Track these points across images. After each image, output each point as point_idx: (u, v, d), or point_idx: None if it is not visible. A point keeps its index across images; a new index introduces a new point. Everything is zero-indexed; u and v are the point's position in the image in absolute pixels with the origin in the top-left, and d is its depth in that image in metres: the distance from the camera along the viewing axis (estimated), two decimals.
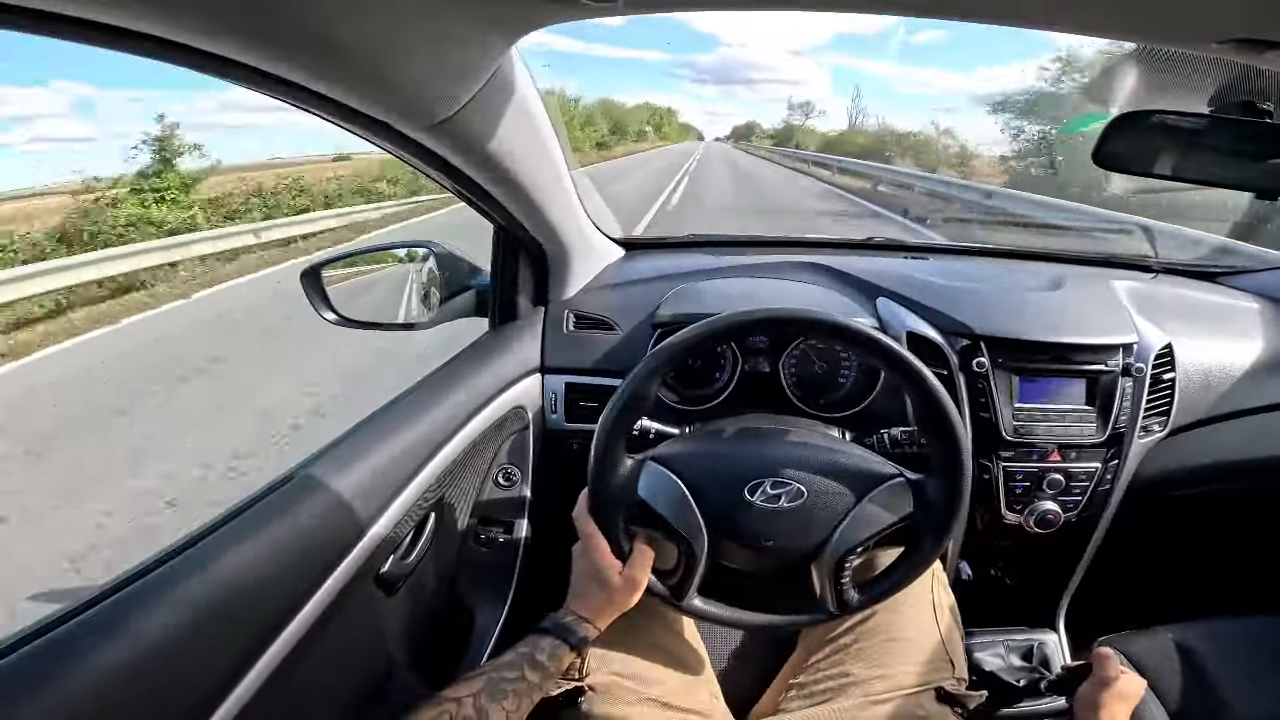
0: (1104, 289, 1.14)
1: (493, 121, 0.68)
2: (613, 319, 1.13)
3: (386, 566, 0.80)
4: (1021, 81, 18.78)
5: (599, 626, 0.70)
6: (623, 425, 0.71)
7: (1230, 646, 0.99)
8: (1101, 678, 0.70)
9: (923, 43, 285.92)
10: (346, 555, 0.69)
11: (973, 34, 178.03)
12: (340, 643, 0.72)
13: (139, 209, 10.54)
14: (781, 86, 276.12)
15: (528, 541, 1.10)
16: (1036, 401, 1.02)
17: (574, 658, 0.68)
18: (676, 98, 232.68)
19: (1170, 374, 1.04)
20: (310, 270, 1.02)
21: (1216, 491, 1.13)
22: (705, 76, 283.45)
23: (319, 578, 0.65)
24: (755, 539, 0.71)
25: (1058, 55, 17.49)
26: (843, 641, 0.82)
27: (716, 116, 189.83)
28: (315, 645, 0.65)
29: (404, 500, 0.79)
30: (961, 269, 1.29)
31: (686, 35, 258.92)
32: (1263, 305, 1.21)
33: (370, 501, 0.73)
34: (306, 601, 0.63)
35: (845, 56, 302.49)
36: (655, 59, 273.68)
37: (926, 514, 0.72)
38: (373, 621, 0.80)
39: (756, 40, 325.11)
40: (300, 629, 0.62)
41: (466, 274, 1.14)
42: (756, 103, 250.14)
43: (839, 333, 0.74)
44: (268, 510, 0.64)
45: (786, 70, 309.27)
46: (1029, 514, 1.02)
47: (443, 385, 0.94)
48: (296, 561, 0.63)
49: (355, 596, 0.72)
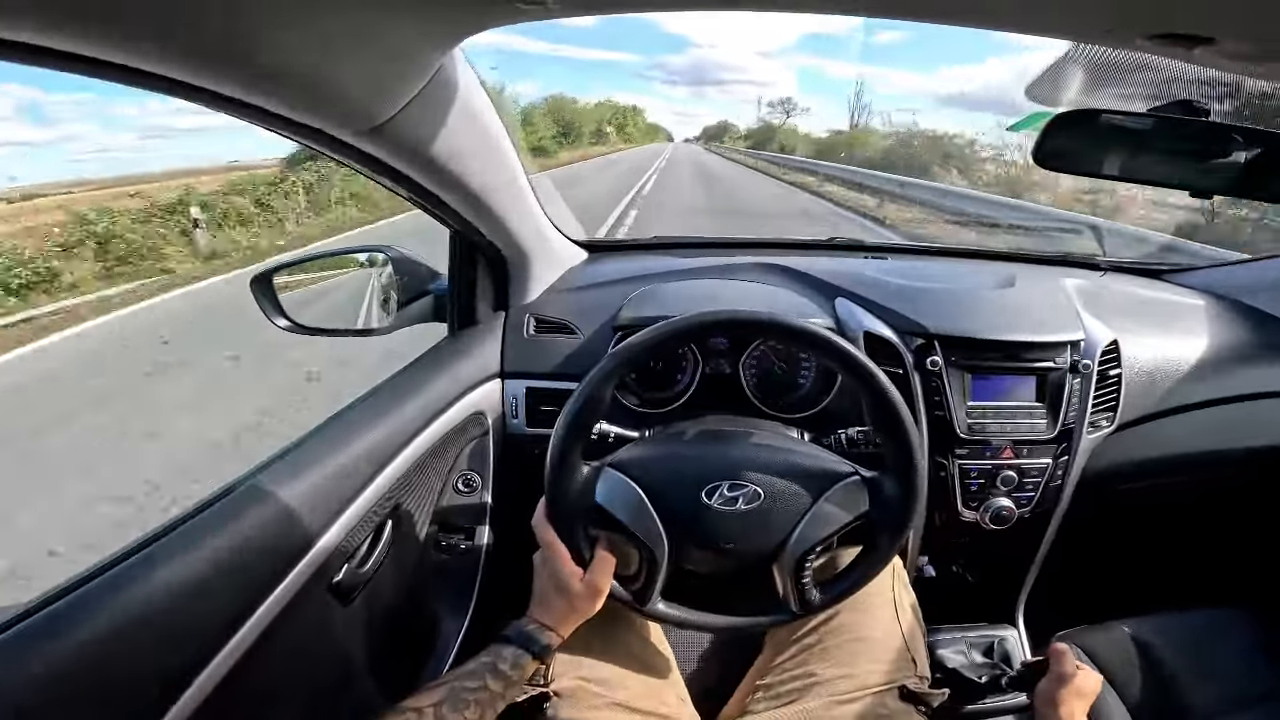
0: (1053, 287, 1.17)
1: (434, 125, 0.67)
2: (574, 323, 1.12)
3: (341, 575, 0.78)
4: (981, 81, 18.84)
5: (562, 634, 0.70)
6: (578, 430, 0.71)
7: (1184, 639, 1.02)
8: (1058, 674, 0.72)
9: (885, 43, 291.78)
10: (295, 564, 0.68)
11: (933, 34, 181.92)
12: (293, 653, 0.70)
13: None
14: (751, 87, 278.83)
15: (490, 548, 1.08)
16: (989, 399, 1.04)
17: (537, 666, 0.68)
18: (648, 99, 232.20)
19: (1116, 370, 1.07)
20: (261, 276, 1.00)
21: (1164, 485, 1.15)
22: (676, 78, 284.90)
23: (264, 588, 0.64)
24: (714, 542, 0.71)
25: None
26: (807, 642, 0.83)
27: (687, 117, 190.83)
28: (264, 657, 0.63)
29: (358, 508, 0.78)
30: (919, 268, 1.31)
31: (657, 36, 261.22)
32: (1207, 301, 1.25)
33: (320, 510, 0.72)
34: (251, 613, 0.62)
35: (812, 57, 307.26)
36: (626, 60, 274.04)
37: (882, 511, 0.72)
38: (328, 631, 0.79)
39: (726, 41, 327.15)
40: (245, 641, 0.61)
41: (425, 278, 1.13)
42: (727, 103, 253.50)
43: (792, 334, 0.74)
44: (209, 522, 0.63)
45: (756, 71, 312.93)
46: (984, 511, 1.04)
47: (399, 392, 0.92)
48: (239, 573, 0.62)
49: (307, 606, 0.71)
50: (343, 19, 0.46)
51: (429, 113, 0.65)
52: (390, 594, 0.93)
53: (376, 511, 0.83)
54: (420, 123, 0.65)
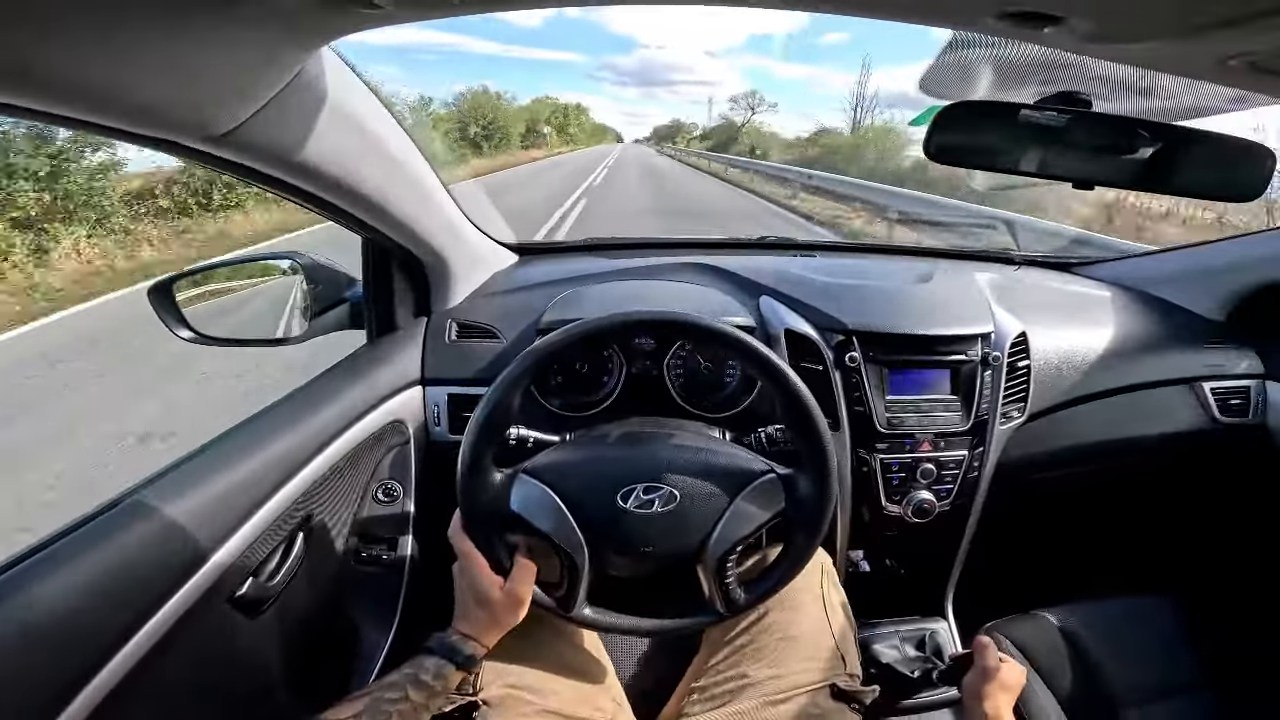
0: (968, 282, 1.19)
1: (299, 129, 0.65)
2: (498, 327, 1.11)
3: (245, 589, 0.76)
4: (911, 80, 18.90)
5: (487, 644, 0.69)
6: (489, 436, 0.69)
7: (1108, 627, 1.06)
8: (983, 668, 0.73)
9: (830, 44, 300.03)
10: (188, 578, 0.66)
11: (873, 32, 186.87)
12: (194, 667, 0.69)
13: None
14: (701, 88, 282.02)
15: (414, 558, 1.06)
16: (906, 393, 1.05)
17: (463, 676, 0.67)
18: (599, 99, 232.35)
19: (1025, 361, 1.09)
20: (160, 286, 0.96)
21: (1076, 474, 1.19)
22: (626, 79, 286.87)
23: (154, 603, 0.62)
24: (633, 545, 0.71)
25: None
26: (740, 642, 0.83)
27: (637, 118, 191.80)
28: (159, 672, 0.62)
29: (261, 519, 0.76)
30: (843, 265, 1.33)
31: (605, 37, 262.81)
32: (1114, 293, 1.30)
33: (217, 522, 0.70)
34: (139, 628, 0.60)
35: (760, 58, 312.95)
36: (576, 60, 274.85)
37: (799, 509, 0.73)
38: (234, 646, 0.76)
39: (674, 42, 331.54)
40: (134, 657, 0.59)
41: (342, 285, 1.10)
42: (677, 104, 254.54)
43: (703, 333, 0.74)
44: (92, 535, 0.61)
45: (704, 71, 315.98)
46: (907, 504, 1.05)
47: (309, 401, 0.90)
48: (122, 589, 0.60)
49: (206, 620, 0.69)
50: (179, 30, 0.45)
51: (289, 117, 0.63)
52: (307, 607, 0.90)
53: (284, 523, 0.81)
54: (280, 127, 0.63)
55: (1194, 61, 0.45)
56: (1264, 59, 0.41)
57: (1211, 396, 1.18)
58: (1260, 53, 0.41)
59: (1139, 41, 0.43)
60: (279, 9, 0.47)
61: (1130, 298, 1.29)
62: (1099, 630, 1.05)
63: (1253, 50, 0.41)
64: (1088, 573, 1.31)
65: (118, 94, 0.47)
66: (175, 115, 0.53)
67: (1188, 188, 0.71)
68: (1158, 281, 1.32)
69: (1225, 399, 1.19)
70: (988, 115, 0.70)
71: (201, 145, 0.58)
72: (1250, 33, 0.38)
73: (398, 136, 0.84)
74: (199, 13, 0.44)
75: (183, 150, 0.58)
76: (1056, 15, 0.41)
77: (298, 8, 0.46)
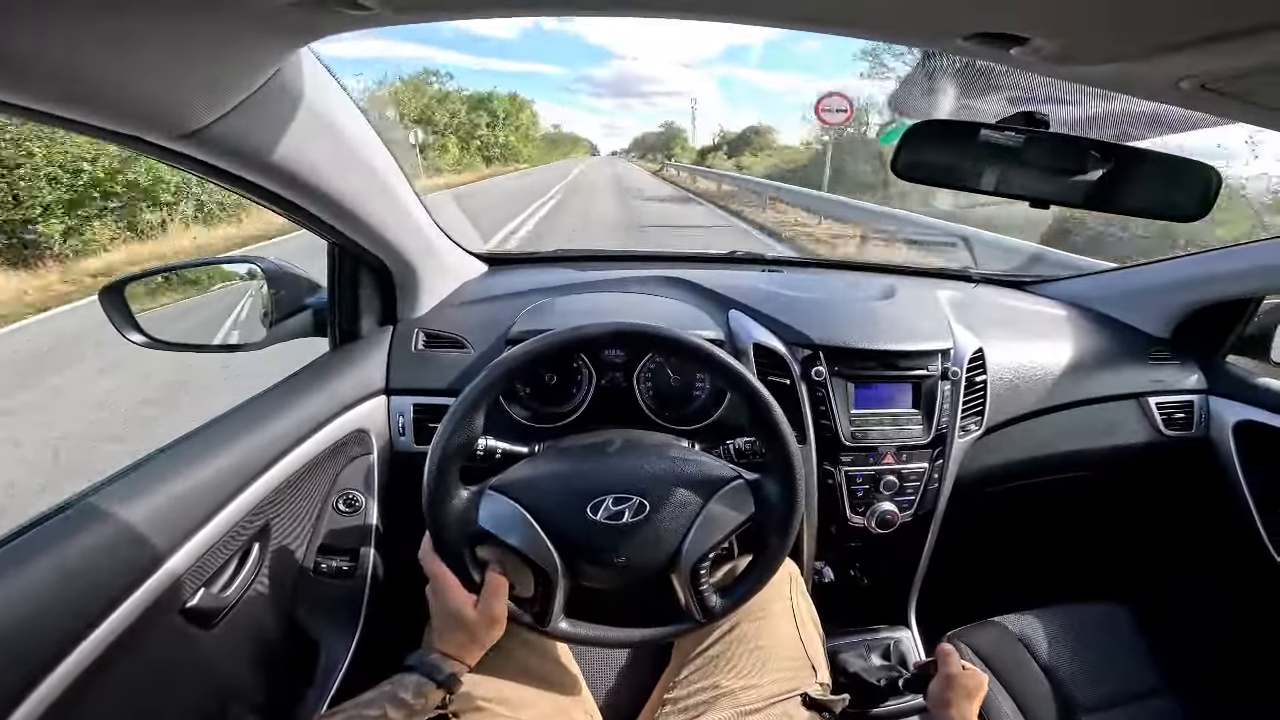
0: (929, 298, 1.23)
1: (272, 130, 0.64)
2: (466, 337, 1.10)
3: (196, 599, 0.74)
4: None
5: (468, 663, 0.68)
6: (456, 450, 0.69)
7: (1062, 634, 1.10)
8: (946, 675, 0.75)
9: (806, 52, 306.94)
10: (136, 587, 0.64)
11: (847, 43, 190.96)
12: (141, 681, 0.67)
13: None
14: (675, 99, 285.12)
15: (377, 571, 1.03)
16: (870, 407, 1.07)
17: (443, 695, 0.66)
18: (575, 111, 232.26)
19: (983, 376, 1.12)
20: (111, 287, 0.93)
21: (1032, 485, 1.23)
22: (602, 90, 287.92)
23: (100, 613, 0.60)
24: (606, 556, 0.71)
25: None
26: (711, 653, 0.83)
27: (614, 130, 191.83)
28: (105, 681, 0.60)
29: (215, 528, 0.74)
30: (810, 280, 1.35)
31: (580, 49, 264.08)
32: (1066, 310, 1.35)
33: (169, 530, 0.68)
34: (84, 638, 0.58)
35: (734, 68, 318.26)
36: (552, 73, 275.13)
37: (768, 513, 0.74)
38: (185, 657, 0.74)
39: (647, 53, 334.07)
40: (78, 666, 0.57)
41: (304, 291, 1.07)
42: (652, 115, 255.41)
43: (671, 345, 0.75)
44: (34, 542, 0.59)
45: (677, 82, 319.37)
46: (870, 515, 1.07)
47: (267, 409, 0.87)
48: (67, 597, 0.58)
49: (155, 632, 0.67)
50: (155, 25, 0.44)
51: (264, 117, 0.62)
52: (263, 619, 0.88)
53: (240, 532, 0.79)
54: (254, 127, 0.62)
55: (1149, 83, 0.48)
56: (1210, 80, 0.44)
57: (1157, 411, 1.23)
58: (1206, 74, 0.43)
59: (1098, 64, 0.45)
60: (263, 7, 0.46)
61: (1081, 315, 1.34)
62: (1054, 637, 1.09)
63: (1200, 72, 0.43)
64: (1044, 581, 1.34)
65: (90, 88, 0.46)
66: (146, 111, 0.52)
67: (1136, 207, 0.74)
68: (1106, 300, 1.37)
69: (1170, 413, 1.24)
70: (951, 134, 0.72)
71: (171, 143, 0.57)
72: (1198, 56, 0.41)
73: (372, 141, 0.83)
74: (179, 8, 0.44)
75: (149, 147, 0.57)
76: (1023, 37, 0.43)
77: (282, 6, 0.46)
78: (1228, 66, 0.42)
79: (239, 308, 1.08)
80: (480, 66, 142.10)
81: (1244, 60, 0.40)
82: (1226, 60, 0.41)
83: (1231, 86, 0.45)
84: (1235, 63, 0.41)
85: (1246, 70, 0.41)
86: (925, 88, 0.74)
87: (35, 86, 0.44)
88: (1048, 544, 1.48)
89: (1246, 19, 0.35)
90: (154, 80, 0.49)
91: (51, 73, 0.43)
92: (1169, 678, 1.05)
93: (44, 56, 0.41)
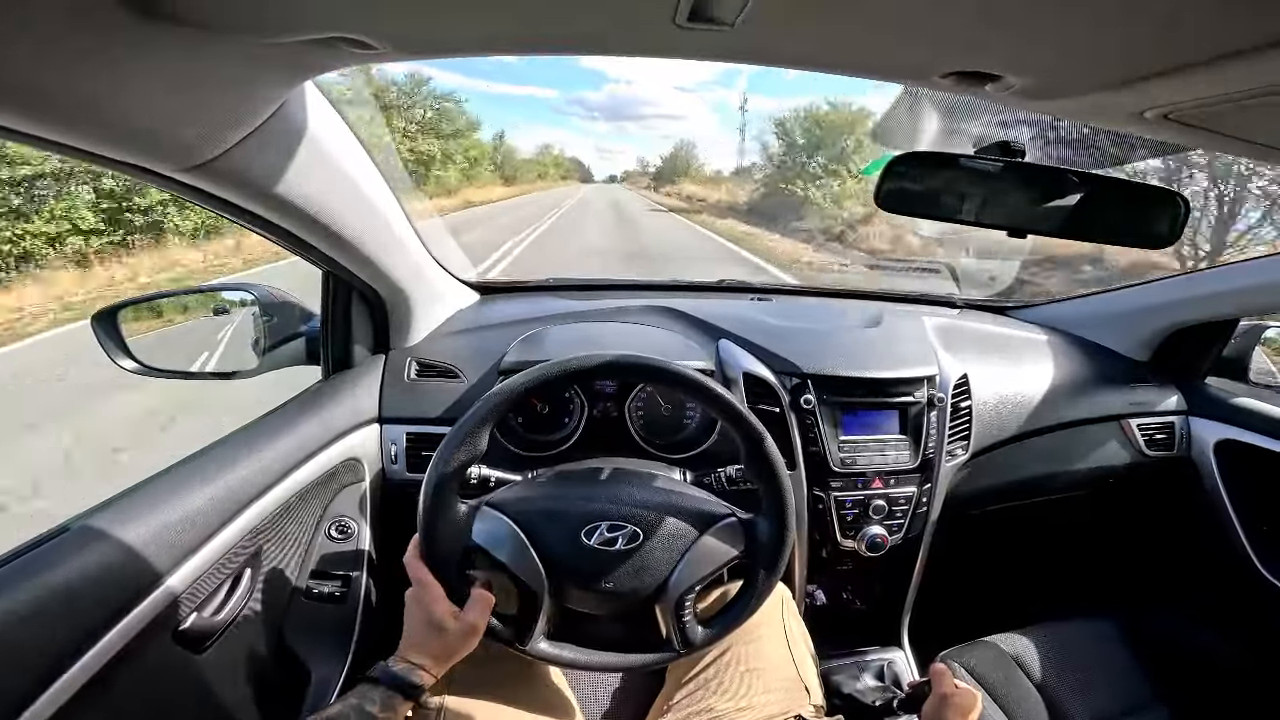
0: (914, 325, 1.25)
1: (275, 162, 0.66)
2: (459, 367, 1.10)
3: (189, 622, 0.74)
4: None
5: (435, 674, 0.67)
6: (453, 471, 0.69)
7: (1052, 651, 1.10)
8: (940, 694, 0.74)
9: (798, 75, 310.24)
10: (130, 610, 0.64)
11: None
12: (132, 704, 0.67)
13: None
14: (671, 122, 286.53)
15: (368, 597, 1.03)
16: (858, 433, 1.09)
17: (409, 707, 0.64)
18: (567, 134, 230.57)
19: (968, 402, 1.14)
20: (104, 313, 0.94)
21: (1019, 507, 1.24)
22: (596, 113, 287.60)
23: (93, 634, 0.60)
24: (594, 582, 0.71)
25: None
26: (704, 676, 0.83)
27: (608, 154, 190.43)
28: (92, 708, 0.60)
29: (210, 553, 0.74)
30: (797, 308, 1.37)
31: (574, 73, 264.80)
32: (1049, 335, 1.37)
33: (162, 554, 0.68)
34: (77, 659, 0.58)
35: (730, 91, 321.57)
36: (545, 96, 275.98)
37: (758, 551, 0.74)
38: (177, 680, 0.74)
39: (642, 78, 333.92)
40: (65, 692, 0.57)
41: (298, 319, 1.08)
42: (647, 139, 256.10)
43: (670, 378, 0.75)
44: (30, 564, 0.59)
45: (673, 105, 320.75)
46: (860, 539, 1.08)
47: (261, 437, 0.87)
48: (60, 619, 0.58)
49: (148, 653, 0.67)
50: (167, 62, 0.45)
51: (268, 149, 0.63)
52: (255, 642, 0.88)
53: (233, 557, 0.79)
54: (258, 159, 0.63)
55: (1115, 114, 0.50)
56: (1172, 111, 0.47)
57: (1139, 432, 1.26)
58: (1170, 105, 0.46)
59: (1067, 97, 0.48)
60: (272, 44, 0.47)
61: (1062, 339, 1.37)
62: (1046, 655, 1.09)
63: (1165, 103, 0.46)
64: (1033, 600, 1.35)
65: (99, 119, 0.47)
66: (155, 143, 0.53)
67: (1108, 235, 0.76)
68: (1087, 324, 1.40)
69: (1151, 434, 1.27)
70: (930, 165, 0.74)
71: (178, 174, 0.58)
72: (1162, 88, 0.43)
73: (370, 173, 0.84)
74: (189, 42, 0.45)
75: (156, 178, 0.58)
76: (996, 74, 0.45)
77: (291, 44, 0.47)
78: (1190, 97, 0.44)
79: (222, 334, 1.08)
80: (469, 87, 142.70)
81: (1205, 90, 0.43)
82: (1188, 91, 0.43)
83: (1193, 116, 0.48)
84: (1198, 93, 0.43)
85: (1208, 100, 0.44)
86: (907, 119, 0.77)
87: (47, 116, 0.45)
88: (1037, 564, 1.49)
89: (1207, 50, 0.38)
90: (164, 114, 0.50)
91: (64, 104, 0.44)
92: (1158, 692, 1.06)
93: (56, 87, 0.42)
